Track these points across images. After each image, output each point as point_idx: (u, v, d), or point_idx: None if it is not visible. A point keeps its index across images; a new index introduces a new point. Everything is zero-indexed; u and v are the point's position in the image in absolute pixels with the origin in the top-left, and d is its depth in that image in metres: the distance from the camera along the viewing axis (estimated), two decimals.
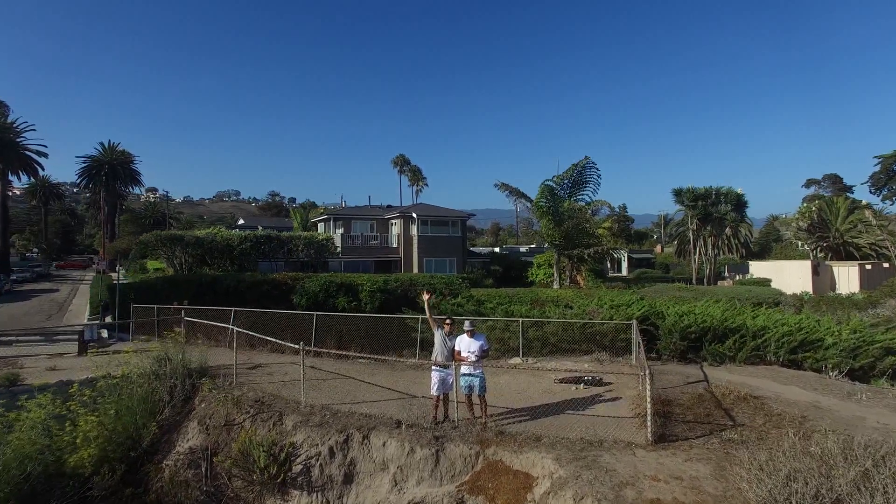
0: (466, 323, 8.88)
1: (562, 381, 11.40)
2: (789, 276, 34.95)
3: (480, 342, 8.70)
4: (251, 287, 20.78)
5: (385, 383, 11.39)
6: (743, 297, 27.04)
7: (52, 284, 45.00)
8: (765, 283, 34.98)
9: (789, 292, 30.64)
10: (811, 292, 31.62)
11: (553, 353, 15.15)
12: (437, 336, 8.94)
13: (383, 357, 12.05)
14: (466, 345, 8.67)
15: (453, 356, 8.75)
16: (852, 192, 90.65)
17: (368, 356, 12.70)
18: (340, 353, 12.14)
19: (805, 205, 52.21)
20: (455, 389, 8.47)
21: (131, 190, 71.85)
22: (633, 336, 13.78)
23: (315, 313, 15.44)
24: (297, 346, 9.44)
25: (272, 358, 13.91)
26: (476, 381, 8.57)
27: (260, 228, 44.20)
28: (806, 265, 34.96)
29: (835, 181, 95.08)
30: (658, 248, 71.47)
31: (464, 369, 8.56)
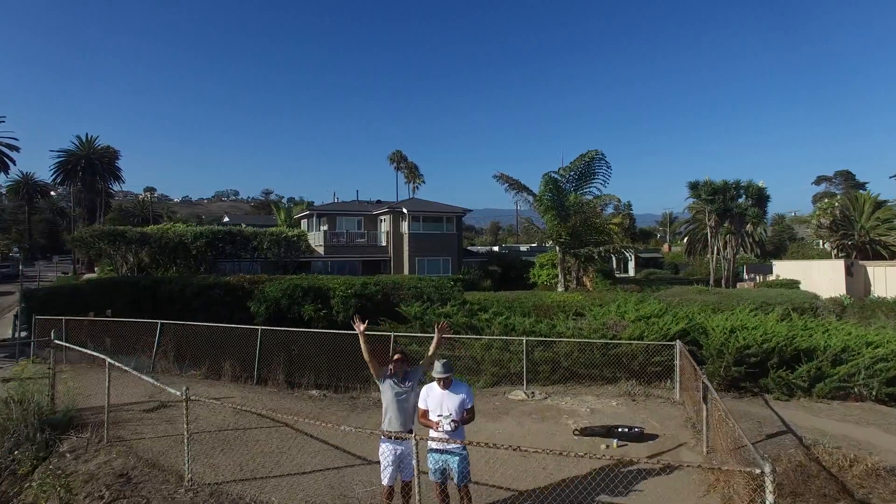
0: (438, 365, 5.31)
1: (584, 432, 8.02)
2: (819, 278, 31.52)
3: (461, 396, 5.25)
4: (200, 292, 17.41)
5: (332, 436, 8.00)
6: (774, 301, 23.73)
7: (15, 286, 41.58)
8: (793, 285, 31.58)
9: (824, 296, 27.26)
10: (845, 295, 28.25)
11: (565, 379, 11.78)
12: (385, 387, 5.48)
13: (321, 419, 8.67)
14: (438, 400, 5.23)
15: (413, 417, 5.39)
16: (865, 189, 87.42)
17: (282, 405, 9.34)
18: (245, 407, 8.74)
19: (827, 201, 48.75)
20: (416, 474, 5.04)
21: (111, 186, 68.10)
22: (676, 361, 10.44)
23: (259, 328, 12.08)
24: (178, 393, 6.05)
25: (198, 390, 10.48)
26: (454, 463, 5.15)
27: (243, 226, 40.80)
28: (838, 265, 31.54)
29: (847, 178, 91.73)
30: (665, 247, 68.04)
31: (434, 442, 5.16)
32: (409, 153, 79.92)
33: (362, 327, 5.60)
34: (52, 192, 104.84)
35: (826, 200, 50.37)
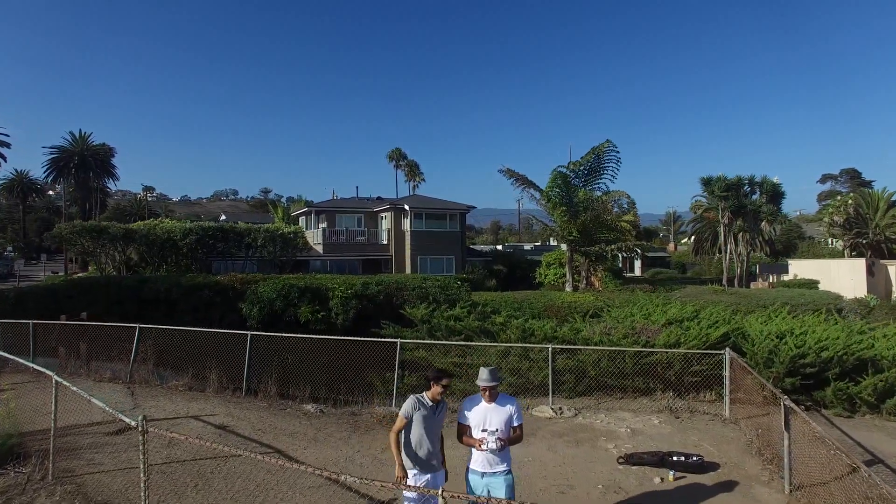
0: (484, 372, 4.39)
1: (630, 459, 6.74)
2: (839, 277, 30.27)
3: (510, 411, 4.36)
4: (187, 293, 16.09)
5: (331, 463, 6.72)
6: (797, 302, 22.53)
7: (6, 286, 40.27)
8: (812, 284, 30.31)
9: (846, 296, 26.02)
10: (871, 296, 27.01)
11: (592, 391, 10.51)
12: (416, 419, 4.41)
13: (317, 443, 7.40)
14: (482, 415, 4.34)
15: (439, 446, 4.47)
16: (871, 187, 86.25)
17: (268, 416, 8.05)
18: (230, 427, 7.46)
19: (840, 198, 47.59)
20: None
21: (106, 184, 66.67)
22: (725, 372, 9.16)
23: (249, 333, 10.79)
24: (132, 423, 4.73)
25: (178, 404, 9.21)
26: (499, 489, 4.24)
27: (239, 223, 39.37)
28: (859, 264, 30.29)
29: (853, 175, 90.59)
30: (671, 246, 66.82)
31: (478, 462, 4.31)
32: (409, 153, 78.42)
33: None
34: (51, 192, 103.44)
35: (839, 198, 49.12)
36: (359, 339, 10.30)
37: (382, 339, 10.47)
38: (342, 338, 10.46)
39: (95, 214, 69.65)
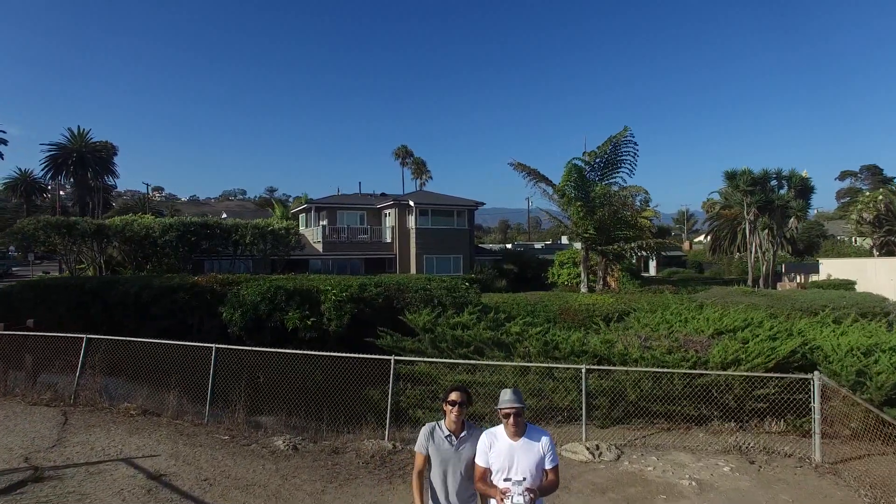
0: (507, 393, 3.41)
1: None
2: (877, 277, 28.05)
3: (541, 450, 3.34)
4: (160, 296, 14.30)
5: None
6: (838, 304, 20.38)
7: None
8: (848, 285, 28.08)
9: (891, 298, 23.80)
10: None
11: (630, 417, 8.58)
12: (432, 451, 3.43)
13: (280, 500, 5.55)
14: (506, 456, 3.32)
15: (468, 489, 3.44)
16: (892, 184, 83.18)
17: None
18: (167, 476, 5.59)
19: (868, 194, 45.29)
20: None
21: (105, 181, 65.41)
22: (814, 404, 7.17)
23: (214, 346, 8.94)
24: None
25: (115, 438, 7.36)
26: None
27: (226, 220, 37.53)
28: None
29: (874, 172, 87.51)
30: (686, 245, 64.50)
31: None
32: (415, 149, 76.76)
33: None
34: (61, 192, 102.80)
35: (868, 194, 46.76)
36: (343, 355, 8.41)
37: (373, 357, 8.56)
38: (323, 353, 8.59)
39: (98, 213, 68.37)
